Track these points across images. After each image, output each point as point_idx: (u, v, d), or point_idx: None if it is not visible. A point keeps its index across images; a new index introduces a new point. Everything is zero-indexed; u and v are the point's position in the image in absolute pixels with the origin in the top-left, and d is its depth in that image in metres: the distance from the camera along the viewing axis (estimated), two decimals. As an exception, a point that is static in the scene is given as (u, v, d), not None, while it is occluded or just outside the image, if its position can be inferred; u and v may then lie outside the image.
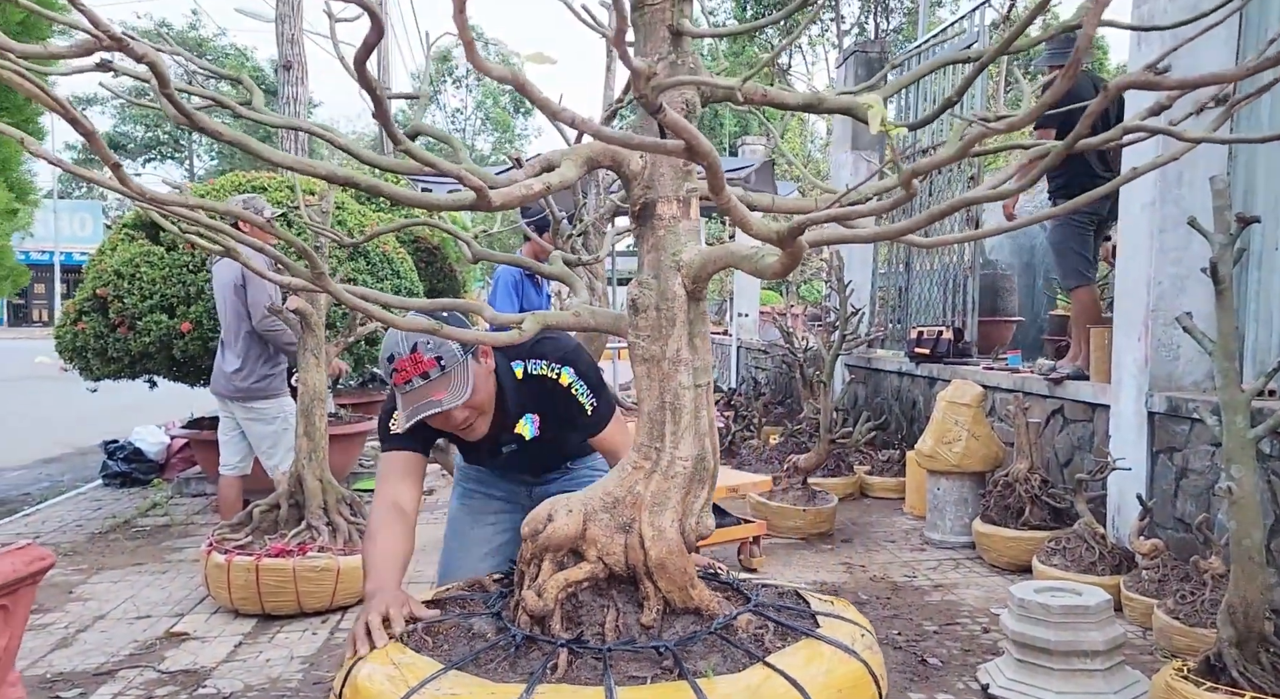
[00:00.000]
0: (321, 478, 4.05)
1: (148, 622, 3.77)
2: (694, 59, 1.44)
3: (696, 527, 1.39)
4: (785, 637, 1.33)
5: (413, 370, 1.76)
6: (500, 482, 2.31)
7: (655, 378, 1.39)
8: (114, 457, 6.67)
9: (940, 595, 4.01)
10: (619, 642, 1.29)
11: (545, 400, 1.99)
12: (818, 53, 27.40)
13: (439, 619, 1.52)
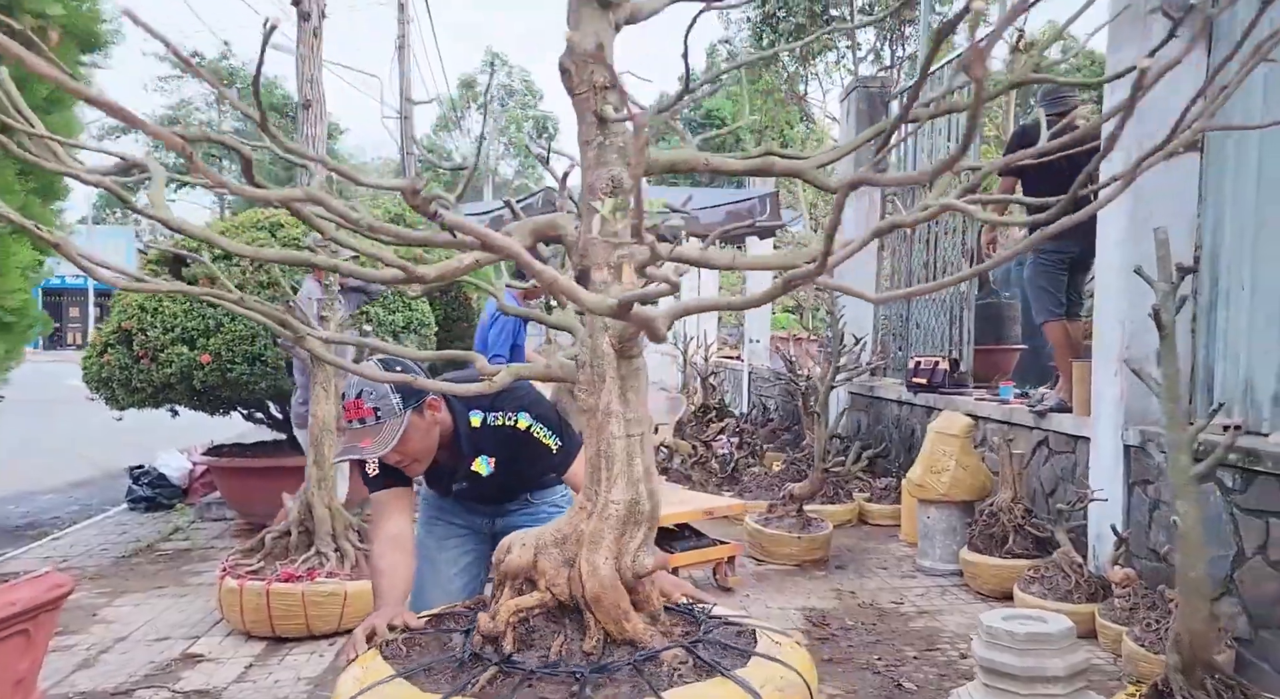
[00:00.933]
0: (330, 506, 4.25)
1: (165, 643, 3.98)
2: (622, 139, 1.62)
3: (633, 565, 1.56)
4: (702, 673, 1.48)
5: (353, 414, 2.03)
6: (462, 512, 2.51)
7: (592, 428, 1.57)
8: (139, 481, 6.93)
9: (924, 622, 4.14)
10: (543, 666, 1.46)
11: (505, 444, 2.21)
12: (835, 78, 27.62)
13: (421, 631, 1.73)
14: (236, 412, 6.18)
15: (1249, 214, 3.70)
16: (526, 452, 2.21)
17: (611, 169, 1.61)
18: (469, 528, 2.52)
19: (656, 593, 1.74)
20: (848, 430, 7.58)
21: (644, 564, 1.59)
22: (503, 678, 1.44)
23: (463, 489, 2.33)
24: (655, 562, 1.66)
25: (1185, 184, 4.00)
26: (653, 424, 1.71)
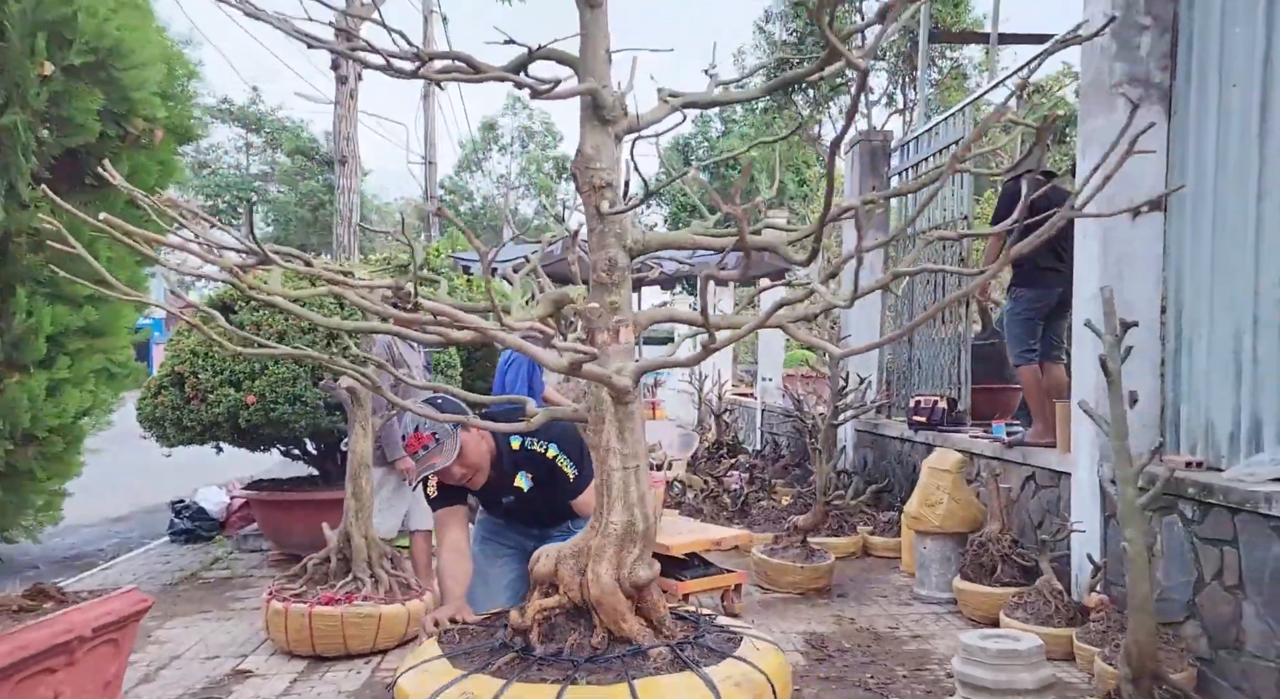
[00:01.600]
0: (366, 535, 4.62)
1: (216, 661, 4.35)
2: (620, 225, 2.02)
3: (630, 576, 1.92)
4: (677, 668, 1.83)
5: (417, 445, 2.51)
6: (511, 534, 2.93)
7: (597, 461, 1.94)
8: (180, 515, 7.33)
9: (917, 645, 4.44)
10: (550, 654, 1.83)
11: (537, 467, 2.65)
12: (923, 57, 28.13)
13: (476, 625, 2.13)
14: (276, 448, 6.58)
15: (1205, 269, 4.05)
16: (553, 476, 2.66)
17: (609, 251, 2.00)
18: (516, 548, 2.94)
19: (663, 601, 2.10)
20: (854, 466, 7.90)
21: (639, 575, 1.95)
22: (519, 662, 1.80)
23: (511, 504, 2.75)
24: (648, 574, 2.02)
25: (1153, 240, 4.36)
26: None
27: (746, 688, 1.79)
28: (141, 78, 2.54)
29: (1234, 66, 3.90)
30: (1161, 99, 4.30)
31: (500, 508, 2.82)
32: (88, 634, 2.70)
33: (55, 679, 2.61)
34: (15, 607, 2.70)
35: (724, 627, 2.25)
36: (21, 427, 2.44)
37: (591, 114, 2.05)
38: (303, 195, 41.80)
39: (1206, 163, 4.06)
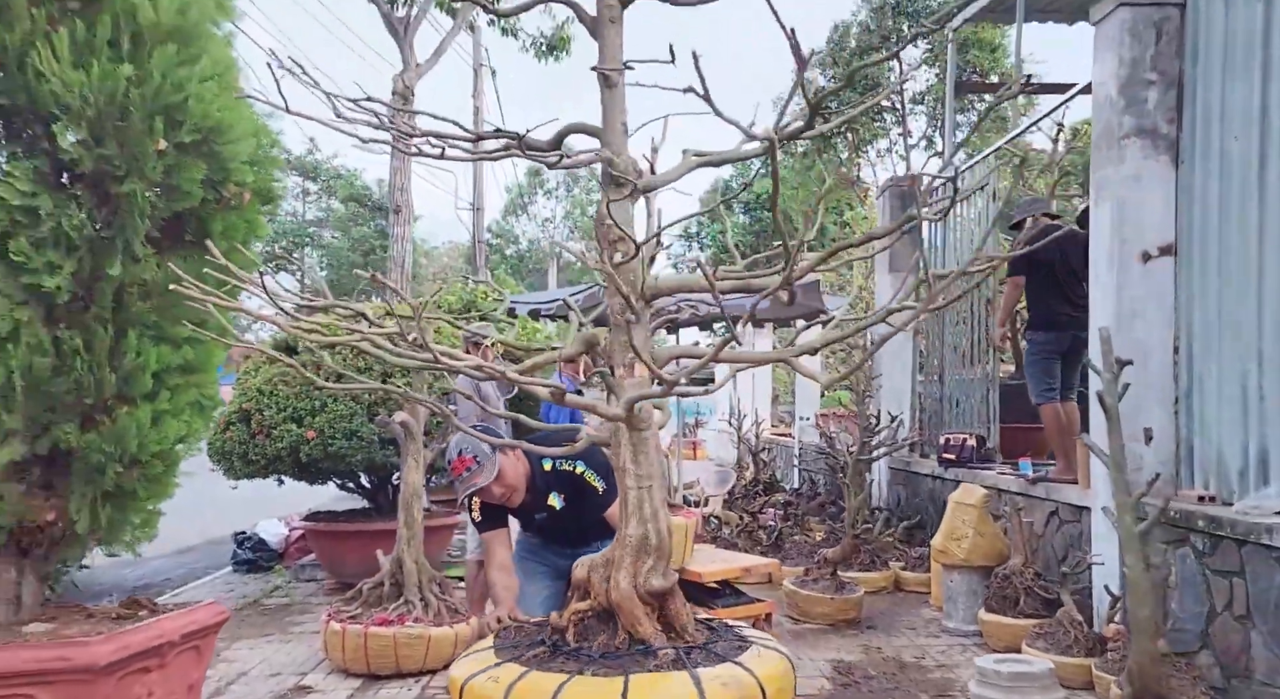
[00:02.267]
0: (417, 561, 4.94)
1: (279, 678, 4.66)
2: (632, 273, 2.31)
3: (644, 583, 2.19)
4: (675, 668, 2.06)
5: (460, 468, 2.84)
6: (546, 553, 3.23)
7: (618, 480, 2.23)
8: (242, 546, 7.73)
9: (941, 674, 4.60)
10: (574, 649, 2.10)
11: (567, 484, 2.97)
12: (888, 163, 28.47)
13: (529, 624, 2.43)
14: (333, 481, 6.96)
15: (1213, 311, 4.24)
16: (582, 492, 2.97)
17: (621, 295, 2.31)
18: (551, 567, 3.25)
19: (686, 610, 2.37)
20: (888, 503, 8.05)
21: (653, 583, 2.21)
22: (546, 656, 2.09)
23: (544, 521, 3.06)
24: (661, 583, 2.27)
25: (1164, 283, 4.56)
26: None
27: (733, 688, 1.99)
28: (236, 150, 2.94)
29: (1234, 120, 4.13)
30: (1169, 149, 4.53)
31: (535, 525, 3.14)
32: (176, 639, 3.03)
33: (149, 679, 2.94)
34: (114, 614, 3.04)
35: (740, 636, 2.47)
36: (130, 452, 2.80)
37: (608, 179, 2.38)
38: (355, 240, 43.10)
39: (1211, 210, 4.27)
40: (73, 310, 2.75)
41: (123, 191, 2.72)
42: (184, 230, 2.99)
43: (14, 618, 2.84)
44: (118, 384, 2.79)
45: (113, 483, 2.83)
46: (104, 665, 2.63)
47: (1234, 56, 4.13)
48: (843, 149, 25.27)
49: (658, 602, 2.19)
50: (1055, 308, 5.20)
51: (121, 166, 2.71)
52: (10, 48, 2.56)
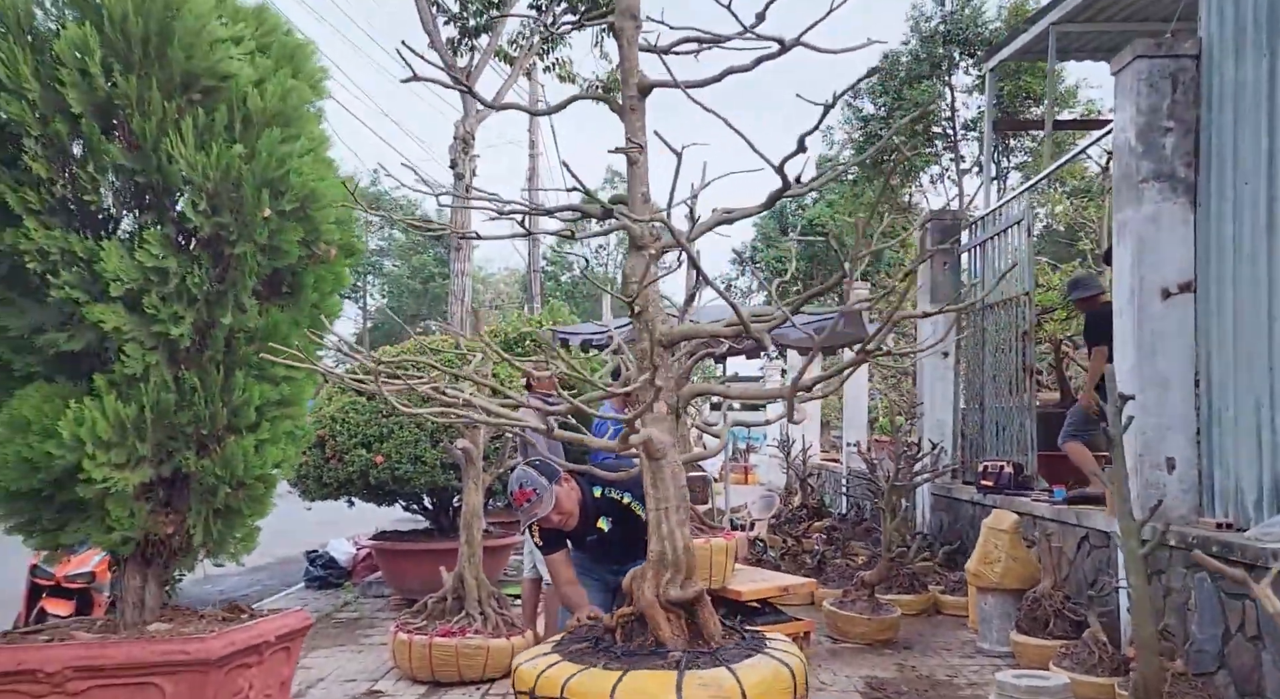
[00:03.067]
0: (477, 577, 5.33)
1: (353, 684, 5.08)
2: (651, 323, 2.67)
3: (664, 593, 2.53)
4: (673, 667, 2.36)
5: (521, 499, 3.23)
6: (595, 568, 3.60)
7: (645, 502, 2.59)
8: (314, 563, 8.23)
9: (971, 691, 4.83)
10: (607, 646, 2.46)
11: (613, 509, 3.34)
12: (940, 189, 28.49)
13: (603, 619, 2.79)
14: (399, 503, 7.42)
15: (1229, 346, 4.45)
16: (627, 518, 3.33)
17: (643, 343, 2.67)
18: (600, 582, 3.63)
19: (714, 620, 2.70)
20: (930, 529, 8.24)
21: (670, 593, 2.55)
22: (586, 651, 2.45)
23: (594, 541, 3.43)
24: (678, 593, 2.59)
25: (1184, 320, 4.77)
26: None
27: (711, 689, 2.24)
28: (327, 214, 3.39)
29: (1245, 165, 4.36)
30: (1187, 192, 4.76)
31: (586, 544, 3.51)
32: (272, 640, 3.45)
33: (250, 673, 3.36)
34: (220, 617, 3.48)
35: (756, 646, 2.73)
36: (237, 475, 3.24)
37: (630, 243, 2.77)
38: (415, 268, 44.40)
39: (1226, 251, 4.49)
40: (192, 354, 3.22)
41: (234, 253, 3.19)
42: (282, 283, 3.45)
43: (139, 618, 3.29)
44: (227, 417, 3.25)
45: (222, 502, 3.28)
46: (216, 659, 3.06)
47: (1244, 105, 4.37)
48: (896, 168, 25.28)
49: (683, 610, 2.53)
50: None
51: (234, 231, 3.17)
52: (148, 135, 3.05)
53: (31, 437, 3.04)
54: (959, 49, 22.38)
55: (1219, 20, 4.55)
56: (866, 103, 24.45)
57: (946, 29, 22.15)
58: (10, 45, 2.96)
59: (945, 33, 22.02)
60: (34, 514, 3.21)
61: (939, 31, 22.14)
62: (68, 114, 3.00)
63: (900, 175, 25.54)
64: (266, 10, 3.61)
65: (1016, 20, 20.06)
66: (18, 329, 3.15)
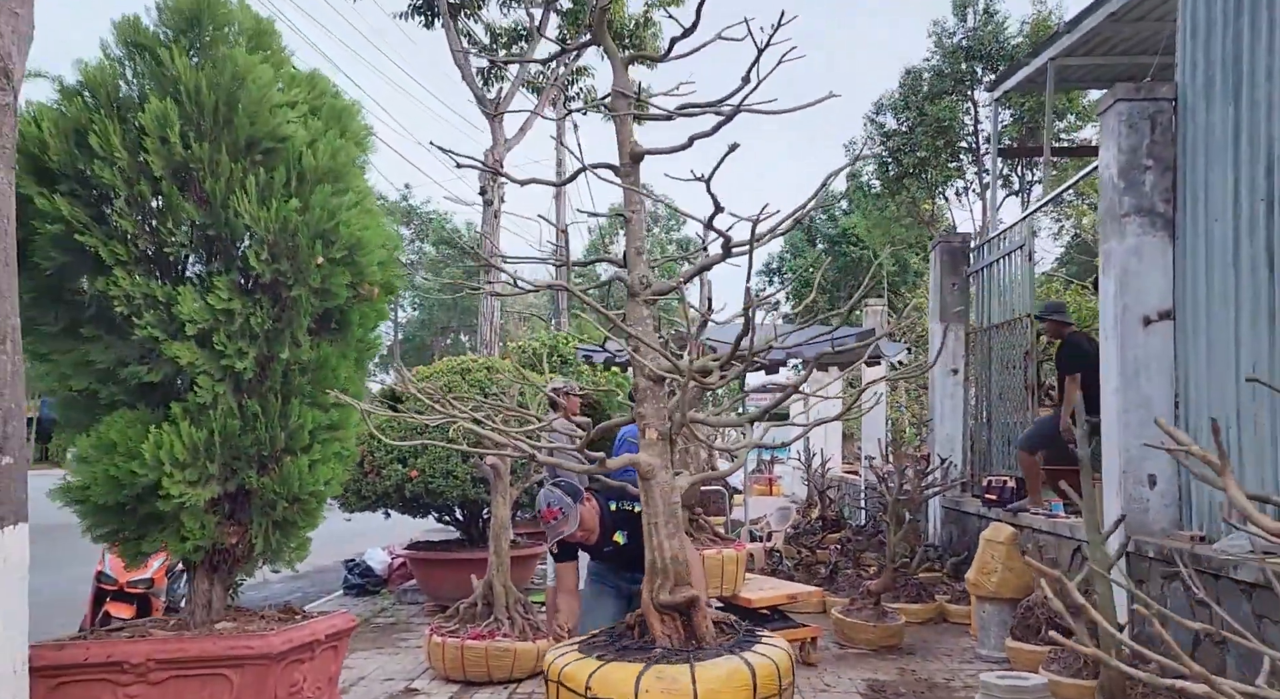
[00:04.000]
0: (505, 584, 5.74)
1: (391, 682, 5.50)
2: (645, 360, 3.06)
3: (655, 597, 2.90)
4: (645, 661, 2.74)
5: (549, 517, 3.56)
6: (611, 577, 3.96)
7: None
8: (352, 572, 8.69)
9: (966, 693, 5.14)
10: (616, 644, 2.84)
11: (628, 523, 3.68)
12: (964, 202, 28.64)
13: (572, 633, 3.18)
14: (432, 514, 7.86)
15: (1203, 370, 4.76)
16: (640, 530, 3.68)
17: (641, 381, 3.06)
18: (615, 588, 3.99)
19: (706, 622, 3.07)
20: (940, 540, 8.53)
21: (660, 598, 2.91)
22: (603, 645, 2.83)
23: (610, 552, 3.78)
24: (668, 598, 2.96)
25: (1165, 345, 5.09)
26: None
27: (665, 682, 2.55)
28: (371, 258, 3.83)
29: (1215, 203, 4.69)
30: (1166, 226, 5.09)
31: (603, 555, 3.87)
32: (322, 638, 3.88)
33: (303, 668, 3.78)
34: (277, 617, 3.91)
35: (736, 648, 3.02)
36: (293, 491, 3.67)
37: (626, 291, 3.17)
38: (445, 282, 45.17)
39: (1200, 282, 4.81)
40: (254, 384, 3.66)
41: (291, 295, 3.63)
42: (331, 320, 3.88)
43: (207, 617, 3.73)
44: (285, 440, 3.68)
45: (280, 515, 3.71)
46: (277, 654, 3.48)
47: (1213, 148, 4.69)
48: (916, 189, 25.50)
49: (678, 612, 2.91)
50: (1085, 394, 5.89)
51: (291, 277, 3.62)
52: (218, 193, 3.50)
53: (117, 457, 3.49)
54: (981, 64, 22.53)
55: (1191, 69, 4.87)
56: (889, 118, 24.70)
57: (969, 45, 22.32)
58: (102, 119, 3.43)
59: (968, 48, 22.20)
60: (118, 525, 3.66)
61: (961, 47, 22.31)
62: (150, 177, 3.46)
63: (922, 189, 25.69)
64: (318, 75, 4.07)
65: (1038, 35, 20.31)
66: (104, 362, 3.60)
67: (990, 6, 22.77)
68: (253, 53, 3.75)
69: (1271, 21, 4.20)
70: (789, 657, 2.99)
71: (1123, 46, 6.81)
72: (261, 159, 3.67)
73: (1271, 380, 4.21)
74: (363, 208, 3.88)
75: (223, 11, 3.77)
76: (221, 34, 3.73)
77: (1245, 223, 4.39)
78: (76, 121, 3.48)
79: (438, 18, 9.68)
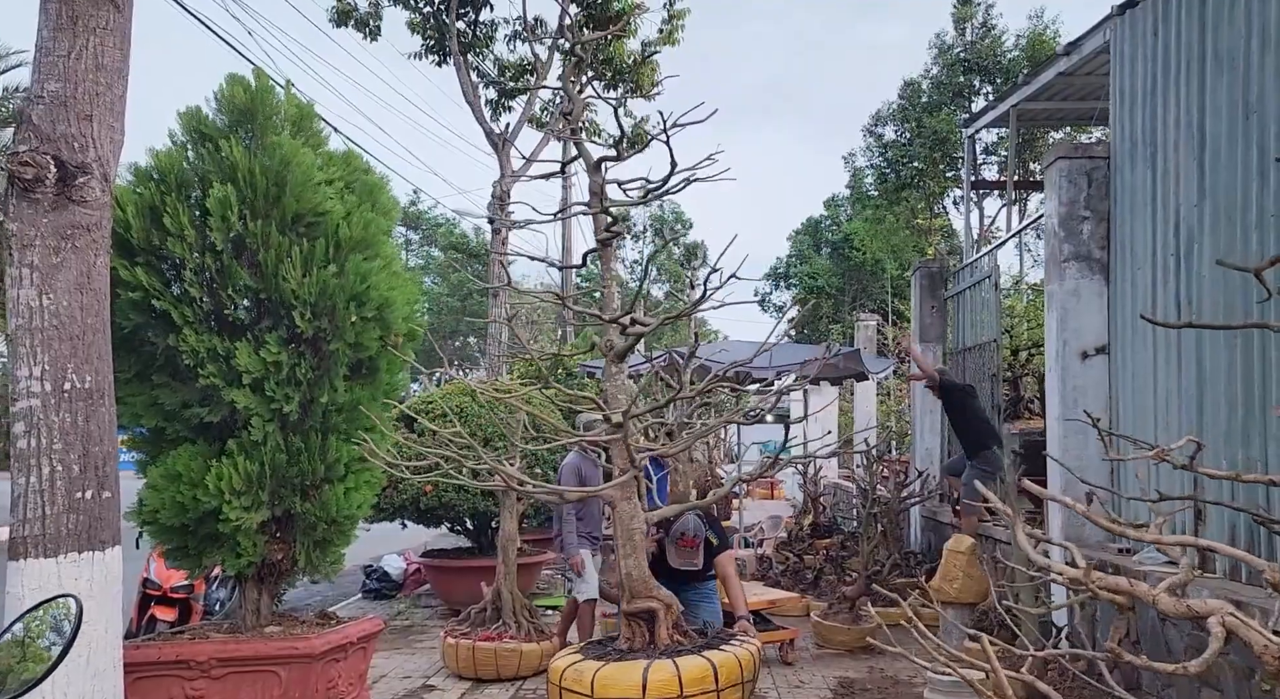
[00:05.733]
0: (512, 591, 6.36)
1: (409, 680, 6.14)
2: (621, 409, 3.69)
3: (624, 607, 3.53)
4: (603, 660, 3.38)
5: (688, 543, 4.28)
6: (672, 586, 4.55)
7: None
8: (370, 577, 9.33)
9: (924, 689, 5.75)
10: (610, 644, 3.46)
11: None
12: (961, 210, 29.18)
13: None
14: (444, 525, 8.49)
15: (1131, 400, 5.36)
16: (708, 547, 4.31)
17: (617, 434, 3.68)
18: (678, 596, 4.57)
19: (664, 628, 3.68)
20: (920, 548, 9.13)
21: (623, 607, 3.54)
22: (597, 649, 3.46)
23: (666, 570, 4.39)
24: (628, 608, 3.59)
25: (1101, 376, 5.68)
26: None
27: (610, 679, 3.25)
28: (397, 314, 4.46)
29: (1138, 254, 5.28)
30: (1101, 271, 5.69)
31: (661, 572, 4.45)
32: (354, 640, 4.50)
33: (339, 666, 4.41)
34: (315, 621, 4.55)
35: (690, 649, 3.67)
36: (331, 515, 4.30)
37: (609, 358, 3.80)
38: (454, 286, 45.89)
39: (1127, 322, 5.41)
40: (298, 424, 4.29)
41: (330, 348, 4.26)
42: (363, 367, 4.52)
43: (256, 622, 4.36)
44: (324, 471, 4.32)
45: (320, 535, 4.35)
46: (319, 653, 4.11)
47: (1137, 204, 5.29)
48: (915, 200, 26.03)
49: (643, 620, 3.54)
50: (991, 439, 6.56)
51: (329, 333, 4.25)
52: (269, 263, 4.13)
53: (182, 486, 4.13)
54: (979, 77, 23.06)
55: (1121, 133, 5.47)
56: (889, 130, 25.27)
57: (967, 58, 22.83)
58: (174, 200, 4.07)
59: (966, 61, 22.70)
60: (182, 543, 4.30)
61: (960, 59, 22.81)
62: (213, 249, 4.10)
63: (921, 199, 26.23)
64: (352, 154, 4.71)
65: (1035, 50, 20.87)
66: (171, 404, 4.24)
67: (988, 21, 23.28)
68: (296, 136, 4.40)
69: (1179, 101, 4.78)
70: (751, 654, 3.61)
71: (1077, 94, 7.39)
72: (305, 231, 4.30)
73: (1179, 409, 4.81)
74: (390, 271, 4.52)
75: (271, 102, 4.41)
76: (270, 123, 4.37)
77: (1160, 273, 4.98)
78: (150, 202, 4.12)
79: (449, 57, 10.31)
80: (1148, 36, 5.15)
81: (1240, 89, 4.26)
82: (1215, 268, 4.44)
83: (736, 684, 3.55)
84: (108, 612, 3.45)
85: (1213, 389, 4.54)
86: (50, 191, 3.40)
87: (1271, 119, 4.01)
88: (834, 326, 31.62)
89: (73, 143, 3.45)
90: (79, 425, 3.40)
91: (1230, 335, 4.25)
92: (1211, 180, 4.51)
